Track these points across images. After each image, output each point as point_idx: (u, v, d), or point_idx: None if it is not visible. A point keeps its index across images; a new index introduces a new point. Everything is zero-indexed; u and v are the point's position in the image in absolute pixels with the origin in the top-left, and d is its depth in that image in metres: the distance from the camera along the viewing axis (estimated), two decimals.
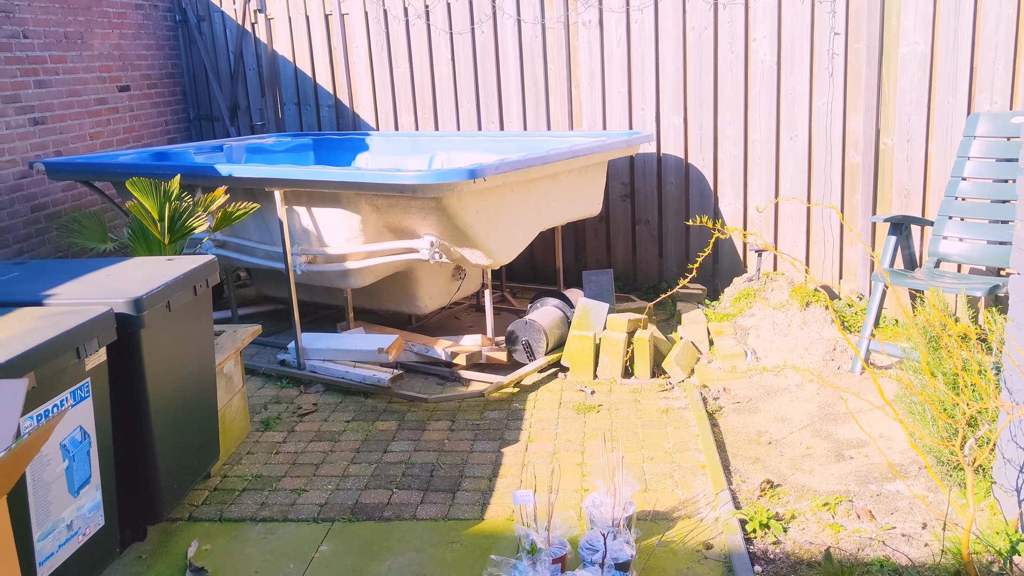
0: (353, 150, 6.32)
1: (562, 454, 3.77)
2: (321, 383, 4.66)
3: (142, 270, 3.22)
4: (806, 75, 5.21)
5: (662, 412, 4.17)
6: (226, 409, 3.83)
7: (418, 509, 3.35)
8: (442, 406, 4.35)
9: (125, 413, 2.91)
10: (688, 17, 5.47)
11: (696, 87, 5.55)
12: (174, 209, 3.85)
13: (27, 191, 5.48)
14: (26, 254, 5.46)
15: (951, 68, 4.80)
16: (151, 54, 6.75)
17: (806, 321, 4.71)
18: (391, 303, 5.33)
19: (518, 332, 4.75)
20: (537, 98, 6.03)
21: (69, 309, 2.73)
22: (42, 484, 2.46)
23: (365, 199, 4.49)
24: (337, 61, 6.59)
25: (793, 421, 4.00)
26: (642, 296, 5.87)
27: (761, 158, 5.46)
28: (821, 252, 5.40)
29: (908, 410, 3.32)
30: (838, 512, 3.17)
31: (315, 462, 3.80)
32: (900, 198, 5.08)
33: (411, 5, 6.24)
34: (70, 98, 5.87)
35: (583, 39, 5.79)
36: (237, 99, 7.01)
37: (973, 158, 4.47)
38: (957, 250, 4.44)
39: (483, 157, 5.59)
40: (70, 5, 5.88)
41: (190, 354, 3.29)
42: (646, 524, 3.16)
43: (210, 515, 3.37)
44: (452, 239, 4.46)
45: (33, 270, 3.29)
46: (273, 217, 4.82)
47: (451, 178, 4.06)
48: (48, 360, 2.44)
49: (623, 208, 6.01)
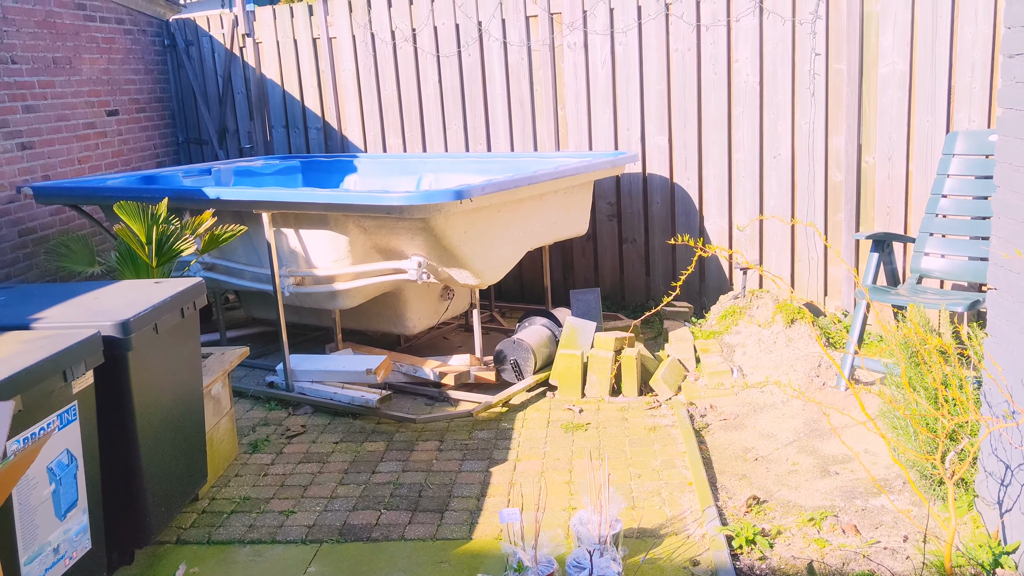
0: (341, 172, 6.36)
1: (550, 473, 3.79)
2: (310, 404, 4.67)
3: (129, 293, 3.23)
4: (788, 95, 5.29)
5: (649, 430, 4.19)
6: (214, 431, 3.83)
7: (406, 529, 3.36)
8: (430, 426, 4.36)
9: (112, 436, 2.92)
10: (671, 39, 5.55)
11: (680, 107, 5.62)
12: (161, 232, 3.87)
13: (14, 215, 5.49)
14: (13, 279, 5.46)
15: (930, 87, 4.87)
16: (140, 78, 6.78)
17: (791, 338, 4.75)
18: (379, 324, 5.35)
19: (506, 352, 4.77)
20: (524, 119, 6.09)
21: (56, 332, 2.74)
22: (28, 507, 2.46)
23: (353, 220, 4.52)
24: (325, 84, 6.64)
25: (779, 437, 4.03)
26: (630, 314, 5.91)
27: (745, 177, 5.52)
28: (806, 269, 5.46)
29: (891, 425, 3.36)
30: (823, 527, 3.19)
31: (303, 483, 3.80)
32: (883, 215, 5.14)
33: (398, 28, 6.30)
34: (58, 123, 5.89)
35: (568, 61, 5.86)
36: (226, 122, 7.05)
37: (953, 175, 4.53)
38: (939, 266, 4.49)
39: (470, 178, 5.64)
40: (59, 31, 5.92)
41: (178, 376, 3.30)
42: (633, 541, 3.17)
43: (198, 538, 3.37)
44: (440, 259, 4.49)
45: (20, 294, 3.30)
46: (261, 239, 4.84)
47: (438, 199, 4.10)
48: (35, 383, 2.45)
49: (610, 227, 6.06)
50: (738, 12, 5.31)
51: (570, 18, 5.78)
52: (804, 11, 5.13)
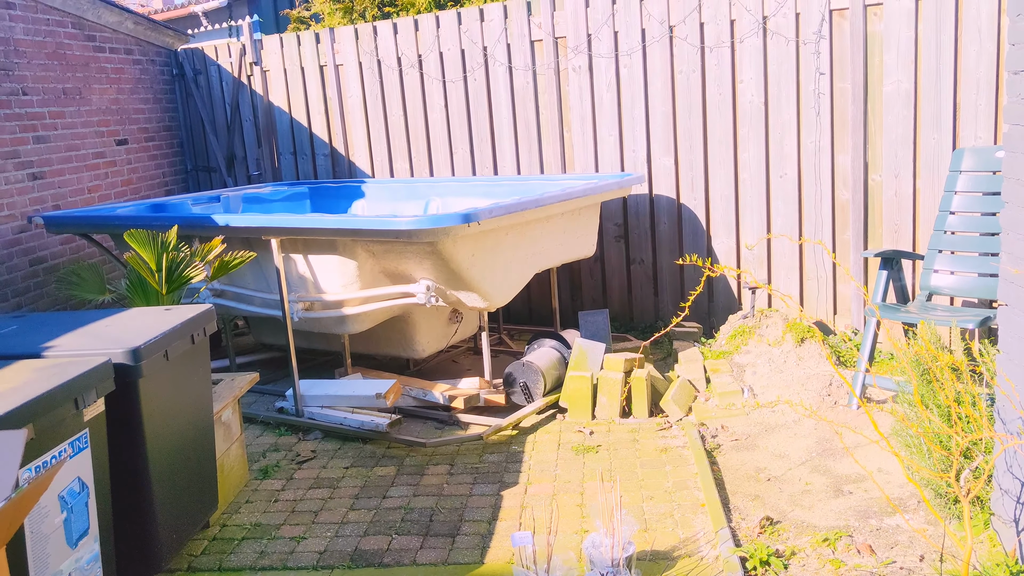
0: (349, 197, 6.39)
1: (561, 495, 3.77)
2: (319, 430, 4.66)
3: (140, 320, 3.25)
4: (793, 114, 5.30)
5: (661, 451, 4.17)
6: (224, 457, 3.83)
7: (418, 554, 3.34)
8: (441, 450, 4.35)
9: (123, 463, 2.92)
10: (676, 61, 5.58)
11: (686, 128, 5.64)
12: (171, 259, 3.89)
13: (25, 245, 5.54)
14: (24, 307, 5.49)
15: (935, 105, 4.88)
16: (148, 108, 6.85)
17: (801, 357, 4.74)
18: (388, 348, 5.36)
19: (516, 374, 4.76)
20: (530, 142, 6.12)
21: (67, 360, 2.75)
22: (40, 536, 2.46)
23: (361, 245, 4.54)
24: (332, 111, 6.69)
25: (792, 457, 4.00)
26: (638, 335, 5.90)
27: (752, 196, 5.53)
28: (815, 288, 5.45)
29: (904, 443, 3.33)
30: (838, 547, 3.16)
31: (314, 509, 3.79)
32: (890, 233, 5.13)
33: (404, 55, 6.35)
34: (68, 152, 5.95)
35: (574, 84, 5.89)
36: (234, 150, 7.11)
37: (960, 192, 4.53)
38: (948, 283, 4.48)
39: (478, 201, 5.66)
40: (68, 62, 5.99)
41: (188, 403, 3.30)
42: (646, 564, 3.15)
43: (209, 565, 3.36)
44: (448, 283, 4.50)
45: (32, 323, 3.32)
46: (270, 265, 4.86)
47: (446, 223, 4.11)
48: (47, 411, 2.46)
49: (617, 249, 6.06)
50: (742, 33, 5.34)
51: (575, 42, 5.82)
52: (807, 31, 5.16)
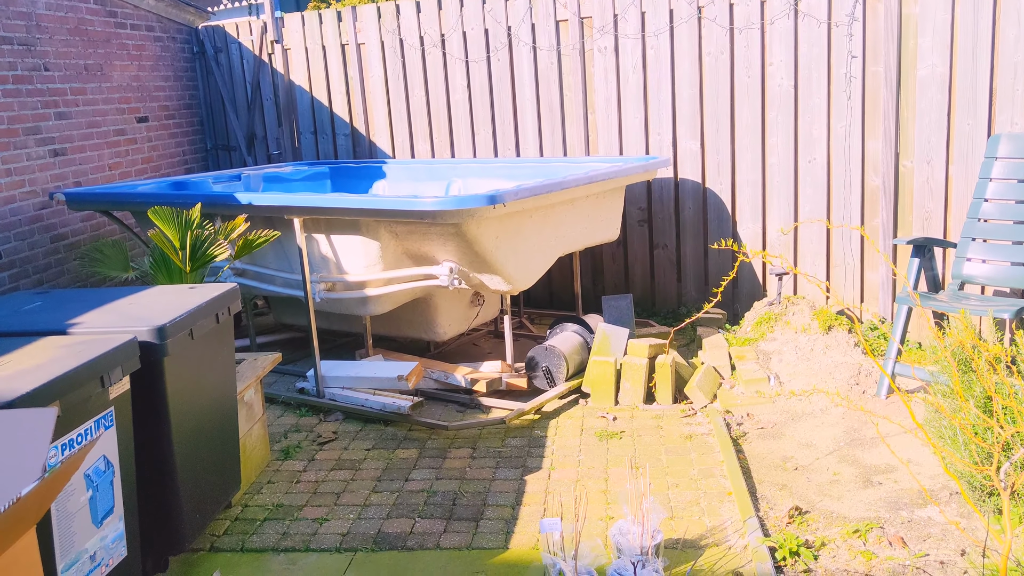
0: (370, 178, 6.34)
1: (585, 481, 3.73)
2: (341, 411, 4.64)
3: (164, 298, 3.22)
4: (824, 98, 5.21)
5: (685, 438, 4.12)
6: (247, 438, 3.81)
7: (441, 538, 3.31)
8: (463, 433, 4.32)
9: (148, 442, 2.90)
10: (704, 42, 5.48)
11: (713, 112, 5.55)
12: (195, 237, 3.86)
13: (47, 222, 5.52)
14: (46, 284, 5.48)
15: (970, 90, 4.77)
16: (169, 85, 6.81)
17: (829, 345, 4.67)
18: (409, 330, 5.32)
19: (538, 358, 4.72)
20: (553, 124, 6.04)
21: (93, 338, 2.72)
22: (66, 514, 2.44)
23: (384, 226, 4.49)
24: (353, 90, 6.63)
25: (819, 446, 3.95)
26: (660, 321, 5.84)
27: (780, 182, 5.44)
28: (842, 276, 5.36)
29: (938, 434, 3.27)
30: (869, 539, 3.11)
31: (336, 491, 3.77)
32: (921, 220, 5.04)
33: (427, 34, 6.28)
34: (89, 129, 5.92)
35: (599, 65, 5.81)
36: (254, 128, 7.06)
37: (995, 179, 4.43)
38: (981, 272, 4.39)
39: (500, 183, 5.60)
40: (90, 38, 5.95)
41: (212, 382, 3.27)
42: (674, 552, 3.10)
43: (232, 545, 3.34)
44: (471, 265, 4.45)
45: (55, 299, 3.30)
46: (292, 245, 4.82)
47: (471, 204, 4.06)
48: (73, 389, 2.43)
49: (640, 233, 5.99)
50: (772, 15, 5.24)
51: (600, 22, 5.73)
52: (840, 13, 5.05)
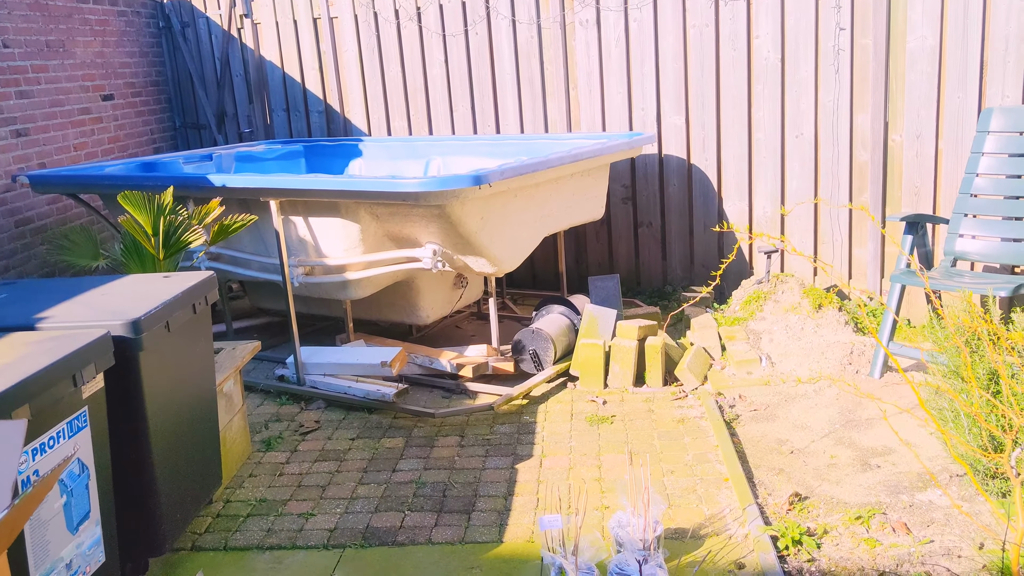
0: (346, 156, 6.16)
1: (578, 469, 3.63)
2: (322, 399, 4.50)
3: (138, 288, 3.06)
4: (811, 72, 5.10)
5: (678, 422, 4.04)
6: (226, 430, 3.67)
7: (433, 532, 3.21)
8: (450, 421, 4.20)
9: (124, 442, 2.75)
10: (688, 15, 5.35)
11: (698, 86, 5.43)
12: (169, 223, 3.68)
13: (11, 205, 5.29)
14: (12, 271, 5.27)
15: (961, 62, 4.69)
16: (135, 62, 6.56)
17: (819, 324, 4.60)
18: (391, 314, 5.18)
19: (525, 341, 4.61)
20: (534, 100, 5.89)
21: (63, 333, 2.57)
22: (39, 523, 2.30)
23: (364, 208, 4.34)
24: (327, 66, 6.43)
25: (814, 428, 3.88)
26: (646, 300, 5.74)
27: (766, 158, 5.34)
28: (830, 252, 5.29)
29: (939, 416, 3.21)
30: (872, 526, 3.05)
31: (321, 484, 3.64)
32: (910, 196, 4.97)
33: (402, 7, 6.09)
34: (53, 108, 5.68)
35: (580, 39, 5.66)
36: (224, 106, 6.84)
37: (988, 154, 4.37)
38: (974, 248, 4.33)
39: (480, 161, 5.46)
40: (51, 13, 5.70)
41: (190, 375, 3.13)
42: (672, 543, 3.02)
43: (214, 544, 3.21)
44: (456, 247, 4.32)
45: (23, 290, 3.12)
46: (268, 228, 4.66)
47: (455, 184, 3.92)
48: (43, 390, 2.28)
49: (625, 211, 5.88)
50: None
51: None
52: None
